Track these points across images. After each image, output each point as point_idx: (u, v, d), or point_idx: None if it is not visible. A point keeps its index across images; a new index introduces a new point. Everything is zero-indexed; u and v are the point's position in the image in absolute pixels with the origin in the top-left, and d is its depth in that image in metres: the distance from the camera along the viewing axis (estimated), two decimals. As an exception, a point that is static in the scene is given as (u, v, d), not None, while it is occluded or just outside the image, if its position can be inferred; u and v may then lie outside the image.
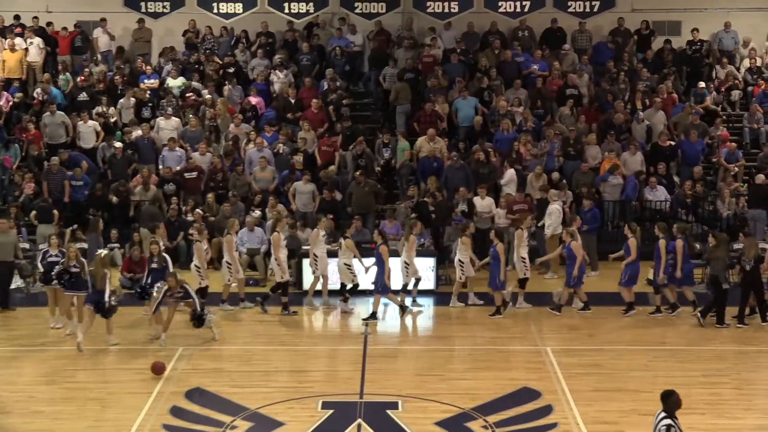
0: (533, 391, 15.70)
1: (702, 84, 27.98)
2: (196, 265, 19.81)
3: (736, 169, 25.40)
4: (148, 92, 27.25)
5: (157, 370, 16.34)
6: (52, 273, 18.49)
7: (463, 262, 20.29)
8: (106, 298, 17.60)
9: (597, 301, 20.52)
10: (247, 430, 14.25)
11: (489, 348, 18.23)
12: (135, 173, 24.90)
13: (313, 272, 20.49)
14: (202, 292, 19.44)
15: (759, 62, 28.88)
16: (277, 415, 14.70)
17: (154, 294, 18.24)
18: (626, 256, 19.95)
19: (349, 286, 20.25)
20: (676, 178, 25.39)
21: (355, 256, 20.14)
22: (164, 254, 19.31)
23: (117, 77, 27.80)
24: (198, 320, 17.93)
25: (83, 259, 18.53)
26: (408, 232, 20.42)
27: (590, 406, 15.03)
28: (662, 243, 19.76)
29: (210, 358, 17.57)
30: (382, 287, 19.64)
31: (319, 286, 20.61)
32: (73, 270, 18.23)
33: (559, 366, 16.85)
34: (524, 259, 20.25)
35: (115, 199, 24.13)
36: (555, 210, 22.66)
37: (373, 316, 19.65)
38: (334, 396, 15.51)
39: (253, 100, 27.22)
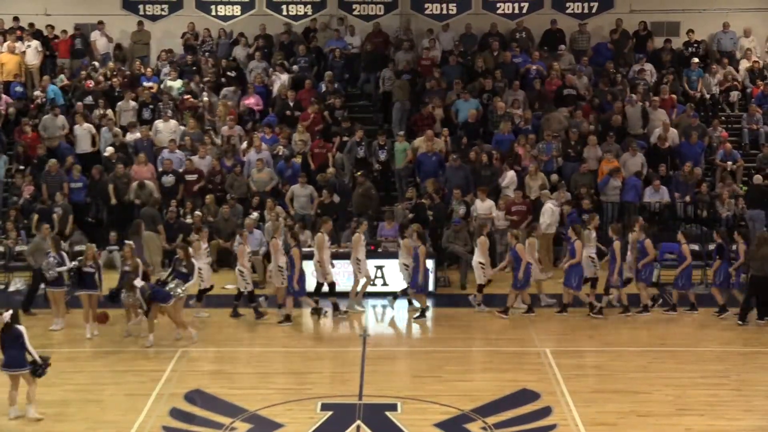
0: (532, 393, 15.70)
1: (696, 60, 28.03)
2: (239, 269, 19.87)
3: (734, 167, 25.38)
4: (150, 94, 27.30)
5: (101, 318, 17.67)
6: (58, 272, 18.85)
7: (483, 264, 20.28)
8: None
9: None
10: (246, 432, 14.28)
11: (488, 349, 18.25)
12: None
13: (356, 275, 20.47)
14: (249, 295, 19.78)
15: (760, 64, 28.84)
16: (276, 417, 14.71)
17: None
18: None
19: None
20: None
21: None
22: (137, 259, 19.27)
23: (116, 80, 27.79)
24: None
25: (100, 262, 19.10)
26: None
27: (589, 408, 15.03)
28: (617, 245, 19.84)
29: (209, 359, 17.59)
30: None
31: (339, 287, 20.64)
32: (88, 270, 18.55)
33: (558, 367, 16.85)
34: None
35: (113, 201, 24.18)
36: (548, 209, 22.67)
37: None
38: (333, 398, 15.52)
39: (251, 101, 27.21)
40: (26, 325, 14.97)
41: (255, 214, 23.14)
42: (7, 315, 14.45)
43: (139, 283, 18.18)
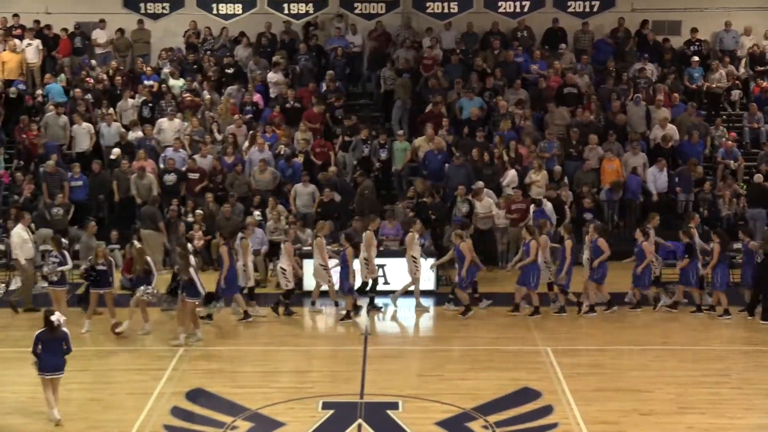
0: (534, 391, 15.70)
1: (696, 59, 28.03)
2: (282, 267, 19.92)
3: (735, 165, 25.38)
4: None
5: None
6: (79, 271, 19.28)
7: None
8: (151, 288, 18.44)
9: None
10: (247, 431, 14.25)
11: (489, 348, 18.22)
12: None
13: (414, 274, 20.42)
14: (287, 294, 19.82)
15: (761, 48, 28.86)
16: (277, 416, 14.71)
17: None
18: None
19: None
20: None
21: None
22: (110, 257, 19.30)
23: (118, 78, 27.80)
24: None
25: (111, 259, 19.19)
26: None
27: (591, 406, 15.03)
28: (568, 244, 19.86)
29: (211, 358, 17.58)
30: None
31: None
32: (100, 268, 18.67)
33: (559, 366, 16.85)
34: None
35: (117, 197, 24.25)
36: (548, 210, 22.74)
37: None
38: (334, 396, 15.51)
39: (253, 99, 27.23)
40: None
41: (256, 213, 23.14)
42: (59, 315, 14.35)
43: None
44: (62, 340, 14.30)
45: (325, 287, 20.20)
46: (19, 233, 20.38)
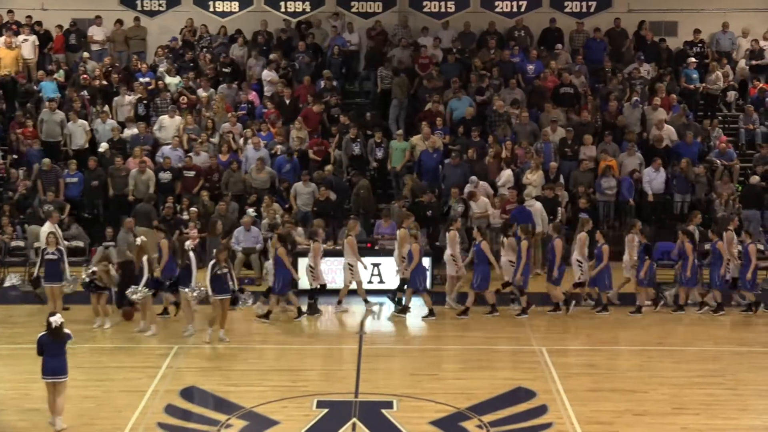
0: (528, 391, 15.70)
1: (693, 60, 28.08)
2: (310, 265, 19.99)
3: (729, 164, 25.38)
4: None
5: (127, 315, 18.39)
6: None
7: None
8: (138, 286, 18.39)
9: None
10: (242, 429, 14.24)
11: (484, 348, 18.22)
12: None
13: (456, 272, 20.42)
14: (313, 292, 20.01)
15: (759, 44, 28.88)
16: (272, 414, 14.69)
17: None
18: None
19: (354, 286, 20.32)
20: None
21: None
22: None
23: (115, 76, 27.77)
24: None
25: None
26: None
27: (585, 406, 15.03)
28: (524, 244, 19.85)
29: (205, 356, 17.57)
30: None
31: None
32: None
33: (554, 366, 16.85)
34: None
35: (111, 191, 24.28)
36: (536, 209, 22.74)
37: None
38: (329, 395, 15.50)
39: (248, 97, 27.21)
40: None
41: (250, 211, 23.10)
42: (58, 317, 14.13)
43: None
44: (65, 343, 14.10)
45: (353, 286, 20.34)
46: (47, 231, 20.33)
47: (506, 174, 24.26)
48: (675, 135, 25.78)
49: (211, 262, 18.21)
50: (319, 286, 20.14)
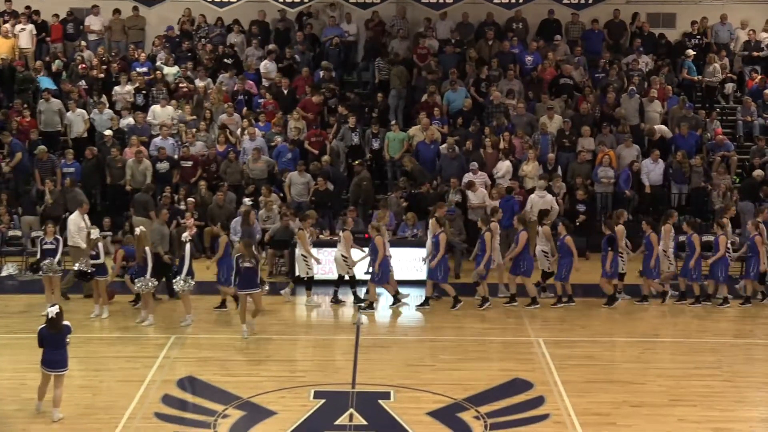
0: (525, 382, 15.71)
1: (691, 52, 28.04)
2: (342, 255, 20.03)
3: (726, 154, 25.38)
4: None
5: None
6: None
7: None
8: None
9: (589, 293, 20.47)
10: (239, 419, 14.24)
11: (481, 339, 18.23)
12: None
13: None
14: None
15: (755, 34, 28.86)
16: (269, 404, 14.70)
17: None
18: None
19: (346, 277, 20.27)
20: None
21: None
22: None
23: (114, 65, 27.71)
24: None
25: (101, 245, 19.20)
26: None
27: (582, 398, 15.05)
28: (488, 236, 19.80)
29: (202, 346, 17.56)
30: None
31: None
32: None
33: (551, 357, 16.86)
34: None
35: (108, 180, 24.29)
36: (531, 199, 22.77)
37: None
38: (326, 386, 15.52)
39: (245, 86, 27.17)
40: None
41: (247, 201, 23.06)
42: (54, 308, 14.05)
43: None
44: (65, 335, 14.02)
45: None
46: (75, 220, 20.30)
47: (505, 165, 24.23)
48: (668, 133, 25.75)
49: (236, 255, 18.13)
50: (348, 276, 20.22)
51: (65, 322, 14.09)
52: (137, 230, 19.13)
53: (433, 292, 20.19)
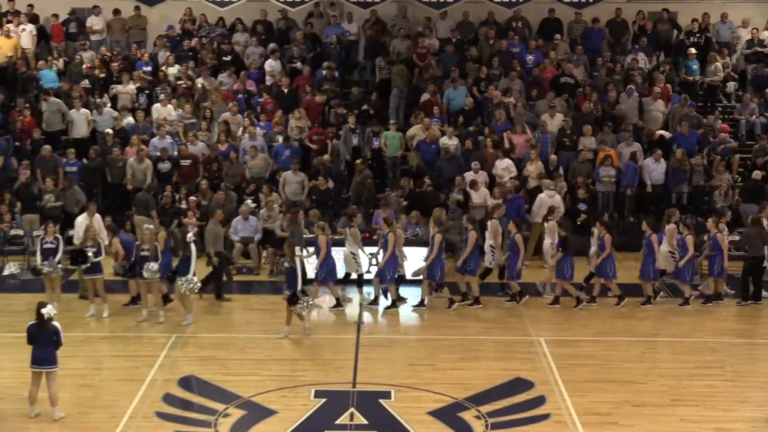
0: (526, 382, 15.71)
1: (693, 51, 28.03)
2: (351, 252, 20.09)
3: (727, 147, 25.37)
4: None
5: None
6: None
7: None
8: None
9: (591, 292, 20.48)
10: (240, 418, 14.24)
11: (482, 338, 18.23)
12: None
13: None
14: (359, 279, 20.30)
15: (758, 32, 28.84)
16: (270, 404, 14.70)
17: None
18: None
19: (354, 276, 20.27)
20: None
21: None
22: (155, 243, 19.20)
23: (115, 65, 27.71)
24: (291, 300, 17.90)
25: (99, 240, 19.21)
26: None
27: (583, 397, 15.04)
28: (472, 235, 19.79)
29: (203, 345, 17.56)
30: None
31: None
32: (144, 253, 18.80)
33: (552, 356, 16.85)
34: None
35: (109, 180, 24.27)
36: (540, 199, 22.73)
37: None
38: (326, 385, 15.52)
39: (246, 85, 27.17)
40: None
41: (248, 201, 23.06)
42: (51, 309, 14.05)
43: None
44: (53, 334, 14.04)
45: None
46: (82, 223, 20.32)
47: (506, 163, 24.20)
48: (667, 133, 25.72)
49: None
50: (356, 275, 20.38)
51: (55, 323, 14.08)
52: (145, 227, 19.14)
53: (431, 292, 20.18)
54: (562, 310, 19.79)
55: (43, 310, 14.01)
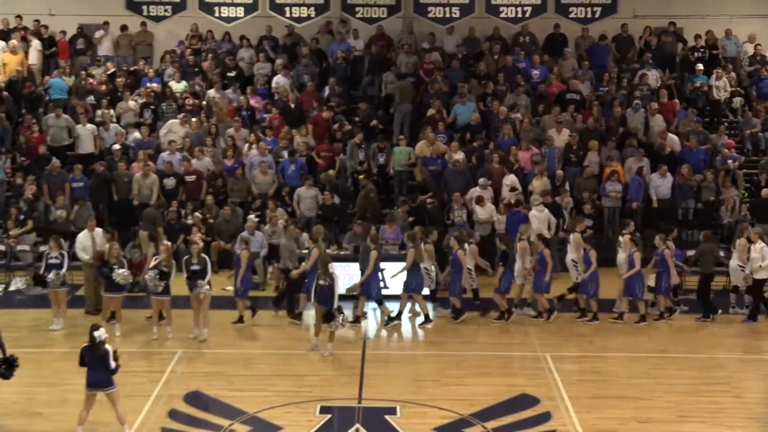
0: (532, 398, 15.68)
1: (700, 66, 28.04)
2: (425, 267, 20.04)
3: (734, 164, 25.33)
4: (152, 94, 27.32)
5: None
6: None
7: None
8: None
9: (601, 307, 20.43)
10: (245, 434, 14.26)
11: (488, 354, 18.20)
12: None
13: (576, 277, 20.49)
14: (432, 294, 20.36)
15: (762, 47, 28.88)
16: (275, 419, 14.70)
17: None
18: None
19: (427, 291, 20.50)
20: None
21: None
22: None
23: (120, 80, 27.81)
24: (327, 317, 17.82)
25: (123, 259, 19.22)
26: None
27: (589, 413, 15.01)
28: (460, 254, 19.90)
29: (209, 361, 17.57)
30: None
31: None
32: (193, 268, 18.83)
33: (558, 372, 16.83)
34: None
35: (115, 196, 24.30)
36: (531, 216, 22.64)
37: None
38: (332, 401, 15.51)
39: (251, 101, 27.21)
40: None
41: (252, 216, 23.04)
42: (103, 332, 13.97)
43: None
44: (104, 357, 13.93)
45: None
46: (82, 239, 20.39)
47: (511, 179, 24.18)
48: (678, 146, 25.69)
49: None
50: (429, 291, 20.49)
51: (107, 346, 13.99)
52: (162, 246, 19.15)
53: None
54: (567, 326, 19.75)
55: (96, 333, 13.90)
